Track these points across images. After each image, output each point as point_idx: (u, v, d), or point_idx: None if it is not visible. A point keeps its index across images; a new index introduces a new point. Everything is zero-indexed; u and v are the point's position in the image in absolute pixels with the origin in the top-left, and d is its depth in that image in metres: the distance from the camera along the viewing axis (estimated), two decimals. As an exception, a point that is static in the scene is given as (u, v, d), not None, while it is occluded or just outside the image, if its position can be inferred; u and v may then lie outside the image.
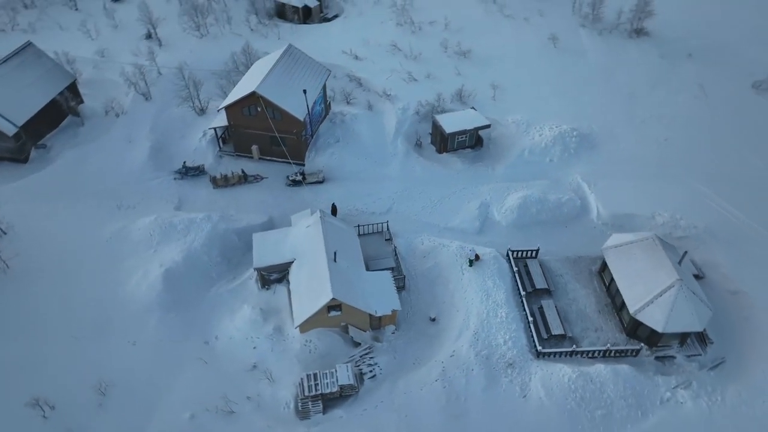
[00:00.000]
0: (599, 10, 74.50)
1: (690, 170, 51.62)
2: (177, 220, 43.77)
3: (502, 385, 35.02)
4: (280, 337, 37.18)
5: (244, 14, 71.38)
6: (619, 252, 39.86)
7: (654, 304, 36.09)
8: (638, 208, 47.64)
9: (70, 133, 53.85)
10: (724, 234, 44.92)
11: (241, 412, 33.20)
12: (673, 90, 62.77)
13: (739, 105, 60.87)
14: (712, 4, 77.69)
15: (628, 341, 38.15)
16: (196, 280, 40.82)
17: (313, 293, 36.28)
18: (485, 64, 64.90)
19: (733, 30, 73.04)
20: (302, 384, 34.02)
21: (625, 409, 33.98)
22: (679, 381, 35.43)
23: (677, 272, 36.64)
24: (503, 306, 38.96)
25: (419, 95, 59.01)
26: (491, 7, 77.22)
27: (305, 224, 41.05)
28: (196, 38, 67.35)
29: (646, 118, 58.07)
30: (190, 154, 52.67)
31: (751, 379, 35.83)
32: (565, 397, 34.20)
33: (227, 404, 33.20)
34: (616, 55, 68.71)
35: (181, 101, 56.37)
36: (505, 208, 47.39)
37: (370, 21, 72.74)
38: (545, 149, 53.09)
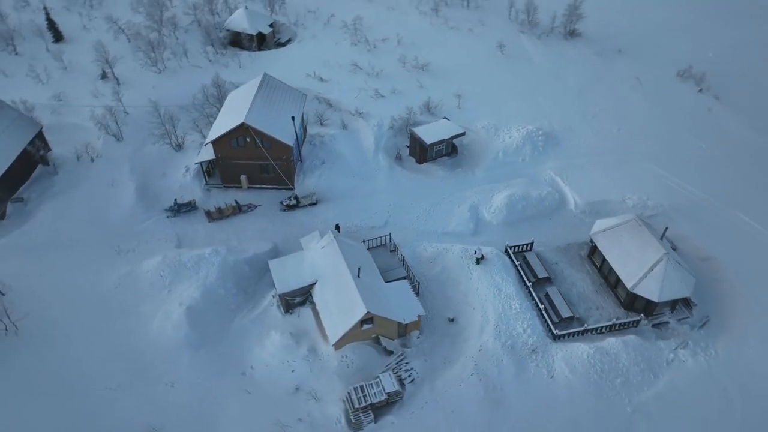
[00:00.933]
0: (534, 16, 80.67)
1: (644, 155, 57.50)
2: (185, 257, 43.74)
3: (531, 370, 38.09)
4: (315, 357, 38.32)
5: (199, 46, 71.15)
6: (607, 235, 44.21)
7: (648, 278, 40.51)
8: (609, 194, 52.65)
9: (44, 183, 51.99)
10: (686, 209, 50.67)
11: (296, 434, 34.19)
12: (613, 84, 69.36)
13: (669, 92, 68.29)
14: (634, 4, 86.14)
15: (627, 314, 42.36)
16: (217, 314, 41.09)
17: (344, 310, 37.80)
18: (444, 75, 68.62)
19: (654, 26, 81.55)
20: (350, 397, 35.43)
21: (639, 374, 37.96)
22: (677, 342, 39.94)
23: (663, 247, 41.34)
24: (515, 298, 42.17)
25: (389, 110, 61.63)
26: (436, 20, 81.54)
27: (319, 246, 42.42)
28: (154, 74, 66.56)
29: (597, 113, 63.84)
30: (177, 191, 52.33)
31: (734, 332, 40.99)
32: (588, 372, 37.74)
33: (282, 429, 34.03)
34: (557, 57, 74.79)
35: (157, 139, 55.85)
36: (493, 208, 50.85)
37: (324, 43, 74.74)
38: (517, 150, 57.26)
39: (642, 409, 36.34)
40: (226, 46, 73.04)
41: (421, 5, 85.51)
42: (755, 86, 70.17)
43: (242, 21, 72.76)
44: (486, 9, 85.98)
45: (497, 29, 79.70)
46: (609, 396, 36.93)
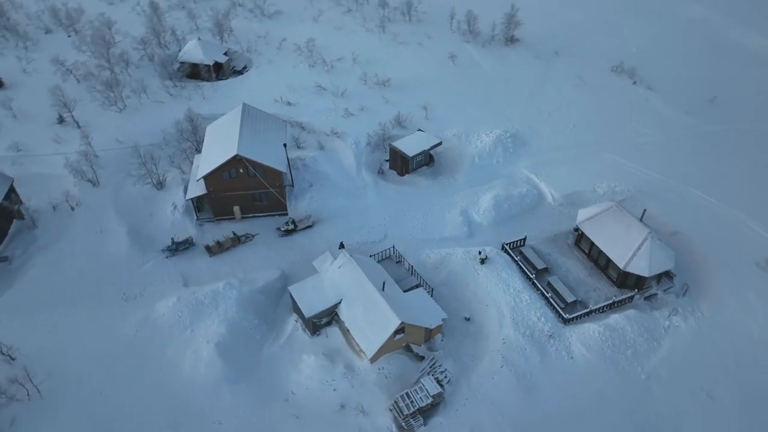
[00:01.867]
0: (474, 26, 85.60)
1: (601, 146, 63.09)
2: (200, 294, 43.59)
3: (552, 354, 41.39)
4: (353, 373, 39.59)
5: (157, 81, 69.91)
6: (593, 223, 48.58)
7: (637, 257, 45.08)
8: (580, 185, 57.46)
9: (24, 238, 49.68)
10: (648, 190, 56.28)
11: (353, 449, 35.36)
12: (558, 84, 75.21)
13: (608, 87, 75.00)
14: (558, 8, 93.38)
15: (620, 292, 46.76)
16: (245, 346, 41.34)
17: (375, 324, 39.36)
18: (405, 89, 71.51)
19: (580, 28, 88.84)
20: (397, 405, 37.05)
21: (644, 343, 42.24)
22: (669, 311, 44.69)
23: (645, 227, 46.15)
24: (523, 291, 45.47)
25: (362, 128, 63.67)
26: (384, 37, 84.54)
27: (335, 266, 43.67)
28: (115, 114, 64.77)
29: (551, 111, 69.13)
30: (169, 230, 51.65)
31: (712, 294, 46.39)
32: (601, 348, 41.55)
33: (340, 446, 35.14)
34: (502, 63, 79.94)
35: (136, 179, 54.81)
36: (482, 210, 54.15)
37: (282, 67, 75.59)
38: (490, 153, 61.06)
39: (654, 373, 40.51)
40: (181, 78, 72.08)
41: (366, 23, 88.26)
42: (677, 75, 78.41)
43: (197, 52, 72.22)
44: (428, 22, 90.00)
45: (443, 41, 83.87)
46: (624, 367, 40.85)
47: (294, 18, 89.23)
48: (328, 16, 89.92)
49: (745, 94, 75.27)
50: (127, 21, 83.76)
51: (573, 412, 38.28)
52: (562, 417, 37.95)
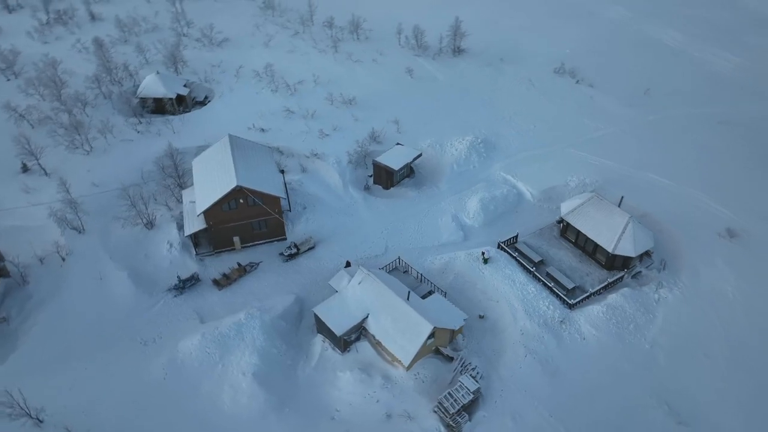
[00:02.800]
0: (422, 40, 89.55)
1: (563, 143, 68.29)
2: (224, 328, 43.56)
3: (566, 338, 44.91)
4: (392, 383, 41.16)
5: (120, 119, 68.12)
6: (577, 214, 52.93)
7: (622, 240, 49.71)
8: (553, 180, 62.03)
9: (17, 296, 47.37)
10: (613, 179, 61.67)
11: (408, 455, 36.95)
12: (511, 88, 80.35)
13: (555, 88, 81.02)
14: (502, 17, 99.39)
15: (610, 273, 51.27)
16: (280, 372, 41.87)
17: (407, 333, 41.19)
18: (371, 105, 73.84)
19: (521, 34, 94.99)
20: (442, 406, 39.02)
21: (642, 316, 46.72)
22: (656, 285, 49.58)
23: (625, 212, 51.01)
24: (527, 283, 48.89)
25: (339, 147, 65.33)
26: (338, 56, 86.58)
27: (355, 282, 45.08)
28: (83, 157, 62.56)
29: (511, 115, 73.83)
30: (169, 268, 50.97)
31: (687, 265, 51.79)
32: (607, 326, 45.57)
33: (397, 453, 36.62)
34: (455, 73, 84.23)
35: (124, 221, 53.61)
36: (471, 213, 57.35)
37: (245, 94, 75.70)
38: (466, 159, 64.53)
39: (655, 342, 44.95)
40: (142, 114, 70.58)
41: (317, 45, 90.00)
42: (611, 72, 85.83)
43: (157, 86, 71.01)
44: (375, 40, 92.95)
45: (395, 56, 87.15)
46: (629, 340, 45.05)
47: (244, 44, 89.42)
48: (278, 40, 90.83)
49: (671, 84, 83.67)
50: (71, 60, 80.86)
51: (595, 387, 41.80)
52: (587, 393, 41.35)
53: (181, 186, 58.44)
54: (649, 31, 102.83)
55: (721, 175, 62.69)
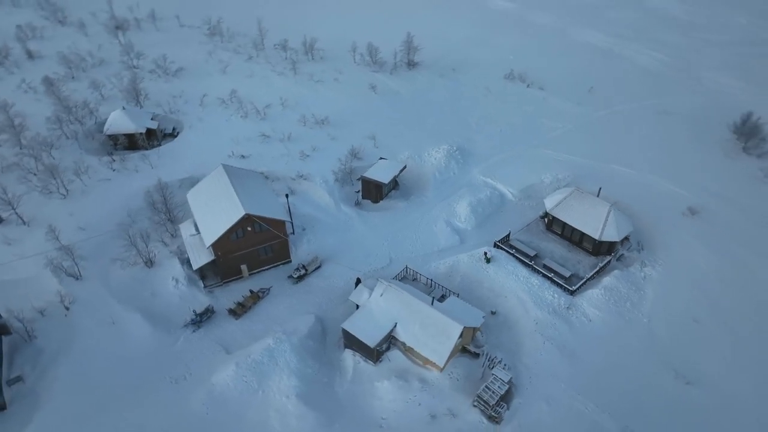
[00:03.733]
0: (376, 56, 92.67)
1: (530, 143, 73.31)
2: (256, 355, 43.86)
3: (575, 322, 48.77)
4: (429, 385, 43.13)
5: (92, 158, 66.00)
6: (561, 207, 57.39)
7: (607, 227, 54.54)
8: (528, 179, 66.56)
9: (27, 353, 45.12)
10: (582, 173, 67.08)
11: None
12: (470, 96, 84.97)
13: (510, 92, 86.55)
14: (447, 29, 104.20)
15: (598, 259, 55.96)
16: (320, 390, 42.72)
17: (437, 336, 43.41)
18: (344, 123, 75.82)
19: (467, 44, 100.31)
20: (482, 399, 41.47)
21: (635, 294, 51.48)
22: (639, 265, 54.71)
23: (605, 202, 55.95)
24: (530, 277, 52.52)
25: (323, 166, 66.78)
26: (300, 78, 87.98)
27: (377, 294, 46.78)
28: (60, 201, 60.25)
29: (476, 121, 78.24)
30: (179, 304, 50.40)
31: (661, 244, 57.50)
32: (608, 306, 49.92)
33: (452, 449, 38.70)
34: (414, 86, 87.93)
35: (122, 263, 52.50)
36: (463, 218, 60.53)
37: (215, 122, 75.39)
38: (446, 168, 67.86)
39: (652, 316, 49.72)
40: (112, 151, 68.77)
41: (275, 68, 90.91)
42: (554, 74, 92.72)
43: (124, 122, 69.40)
44: (330, 59, 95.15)
45: (355, 74, 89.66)
46: (629, 317, 49.57)
47: (200, 73, 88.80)
48: (234, 66, 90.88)
49: (608, 81, 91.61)
50: (21, 101, 77.01)
51: (609, 362, 45.73)
52: (603, 369, 45.17)
53: (172, 221, 57.79)
54: (577, 35, 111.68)
55: (672, 160, 69.75)
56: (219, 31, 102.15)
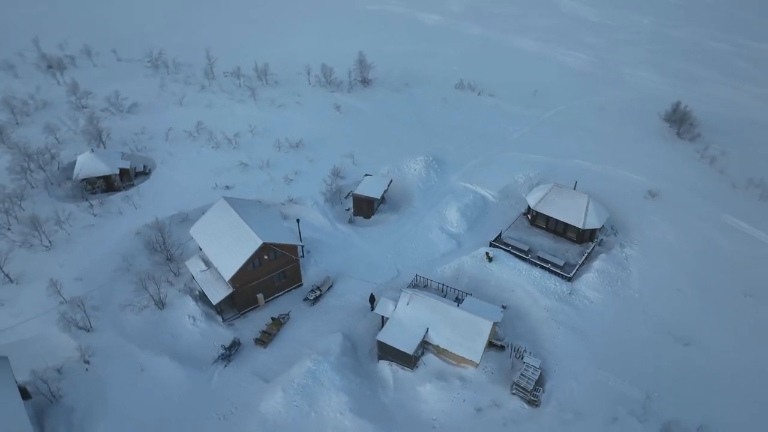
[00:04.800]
0: (330, 77, 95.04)
1: (498, 147, 78.48)
2: (299, 380, 44.60)
3: (579, 305, 53.54)
4: (467, 382, 45.86)
5: (69, 205, 63.23)
6: (545, 202, 62.44)
7: (588, 216, 60.13)
8: (504, 180, 71.46)
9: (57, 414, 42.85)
10: (549, 170, 72.92)
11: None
12: (431, 108, 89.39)
13: (465, 102, 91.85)
14: (386, 46, 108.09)
15: (582, 246, 61.44)
16: (368, 402, 44.26)
17: (469, 334, 46.40)
18: (318, 144, 77.38)
19: (409, 58, 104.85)
20: (519, 386, 44.85)
21: (622, 273, 57.20)
22: (619, 247, 60.75)
23: (583, 193, 61.63)
24: (530, 269, 56.91)
25: (308, 188, 68.10)
26: (261, 104, 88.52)
27: (403, 304, 49.05)
28: (44, 253, 57.47)
29: (441, 131, 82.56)
30: (201, 342, 50.04)
31: (632, 227, 64.03)
32: (603, 287, 55.18)
33: (506, 435, 41.75)
34: (374, 102, 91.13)
35: (134, 307, 51.39)
36: (455, 223, 64.17)
37: (187, 156, 74.30)
38: (427, 177, 71.37)
39: (641, 291, 55.49)
40: (85, 196, 66.25)
41: (234, 96, 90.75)
42: (499, 80, 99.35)
43: (96, 164, 66.97)
44: (285, 82, 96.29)
45: (314, 95, 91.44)
46: (623, 294, 55.05)
47: (156, 107, 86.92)
48: (190, 97, 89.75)
49: (546, 83, 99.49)
50: (-33, 153, 72.22)
51: (616, 337, 50.69)
52: (613, 343, 50.01)
53: (171, 259, 57.02)
54: (508, 43, 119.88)
55: (622, 151, 77.48)
56: (163, 62, 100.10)
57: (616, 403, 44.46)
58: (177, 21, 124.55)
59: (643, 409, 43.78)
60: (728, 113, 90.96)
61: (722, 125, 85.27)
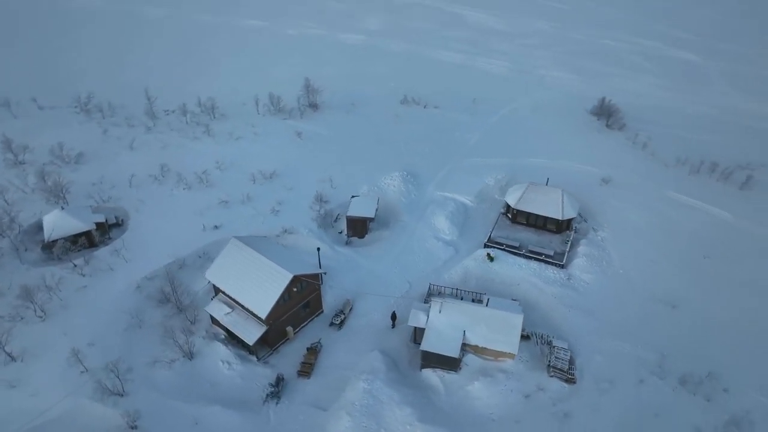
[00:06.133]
0: (279, 105, 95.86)
1: (459, 155, 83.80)
2: (360, 402, 45.94)
3: (579, 287, 59.62)
4: (509, 373, 49.71)
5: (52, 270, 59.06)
6: (524, 200, 68.33)
7: (565, 207, 66.82)
8: (476, 185, 76.76)
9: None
10: (512, 170, 79.37)
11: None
12: (385, 125, 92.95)
13: (414, 116, 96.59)
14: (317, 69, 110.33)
15: (562, 235, 68.01)
16: (429, 410, 46.71)
17: (503, 330, 50.33)
18: (291, 172, 77.93)
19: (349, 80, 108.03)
20: (556, 368, 49.50)
21: (604, 254, 64.30)
22: (594, 232, 68.06)
23: (556, 188, 68.30)
24: (527, 263, 62.29)
25: (296, 217, 68.78)
26: (218, 138, 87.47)
27: (435, 312, 51.96)
28: (41, 324, 53.51)
29: (405, 145, 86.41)
30: (243, 385, 49.68)
31: (597, 211, 71.89)
32: (594, 268, 61.81)
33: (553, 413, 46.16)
34: (329, 125, 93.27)
35: (162, 362, 49.92)
36: (447, 231, 68.19)
37: (160, 201, 71.60)
38: (407, 192, 74.82)
39: (623, 267, 62.76)
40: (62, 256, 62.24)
41: (186, 134, 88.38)
42: (436, 92, 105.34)
43: (69, 222, 62.64)
44: (232, 115, 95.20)
45: (268, 124, 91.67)
46: (610, 273, 61.97)
47: (105, 154, 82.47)
48: (140, 140, 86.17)
49: (479, 91, 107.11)
50: None
51: (617, 310, 57.04)
52: (616, 316, 56.30)
53: (181, 308, 55.73)
54: (431, 55, 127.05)
55: (567, 145, 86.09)
56: (96, 106, 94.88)
57: (638, 366, 50.57)
58: (98, 62, 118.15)
59: (660, 368, 50.23)
60: (640, 103, 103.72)
61: (640, 114, 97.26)
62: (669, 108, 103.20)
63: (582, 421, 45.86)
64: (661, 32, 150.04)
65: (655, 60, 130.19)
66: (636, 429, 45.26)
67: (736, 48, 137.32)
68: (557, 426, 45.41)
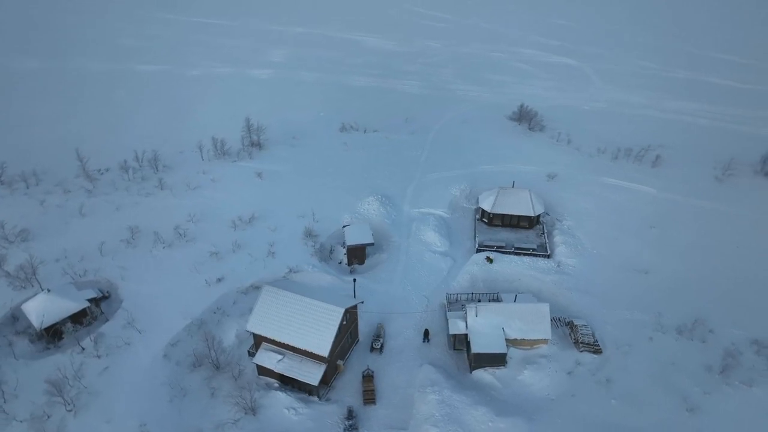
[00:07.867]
0: (223, 148, 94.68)
1: (414, 173, 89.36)
2: (438, 412, 48.97)
3: (571, 272, 67.94)
4: (548, 357, 55.78)
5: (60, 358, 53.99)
6: (498, 204, 75.72)
7: (534, 205, 75.32)
8: (444, 197, 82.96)
9: None
10: (471, 179, 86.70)
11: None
12: (336, 151, 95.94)
13: (359, 138, 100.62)
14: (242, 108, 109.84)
15: (535, 229, 76.35)
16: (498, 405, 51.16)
17: (535, 321, 56.36)
18: (269, 213, 77.71)
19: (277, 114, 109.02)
20: (584, 342, 56.64)
21: (578, 241, 73.68)
22: (563, 221, 77.35)
23: (523, 189, 76.62)
24: (521, 259, 69.46)
25: (295, 255, 69.45)
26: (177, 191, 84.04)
27: (472, 317, 56.58)
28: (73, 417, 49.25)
29: (364, 171, 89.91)
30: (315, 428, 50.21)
31: (556, 203, 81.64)
32: (577, 254, 70.71)
33: (596, 383, 53.17)
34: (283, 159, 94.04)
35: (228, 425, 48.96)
36: (438, 243, 73.19)
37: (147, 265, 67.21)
38: (387, 213, 78.64)
39: (596, 246, 72.49)
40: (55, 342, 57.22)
41: (139, 191, 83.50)
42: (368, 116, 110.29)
43: (60, 304, 57.44)
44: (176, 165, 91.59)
45: (222, 169, 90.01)
46: (588, 255, 71.26)
47: (53, 227, 75.08)
48: (89, 206, 79.75)
49: (408, 110, 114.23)
50: None
51: (606, 284, 66.09)
52: (607, 289, 65.32)
53: (218, 366, 54.60)
54: (347, 82, 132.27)
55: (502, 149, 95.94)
56: (21, 176, 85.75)
57: (642, 327, 59.56)
58: None
59: (660, 325, 59.60)
60: (545, 105, 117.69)
61: (550, 115, 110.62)
62: (569, 107, 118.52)
63: (622, 383, 53.19)
64: (535, 42, 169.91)
65: (538, 65, 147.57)
66: (664, 377, 53.59)
67: (600, 51, 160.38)
68: (605, 392, 52.22)
